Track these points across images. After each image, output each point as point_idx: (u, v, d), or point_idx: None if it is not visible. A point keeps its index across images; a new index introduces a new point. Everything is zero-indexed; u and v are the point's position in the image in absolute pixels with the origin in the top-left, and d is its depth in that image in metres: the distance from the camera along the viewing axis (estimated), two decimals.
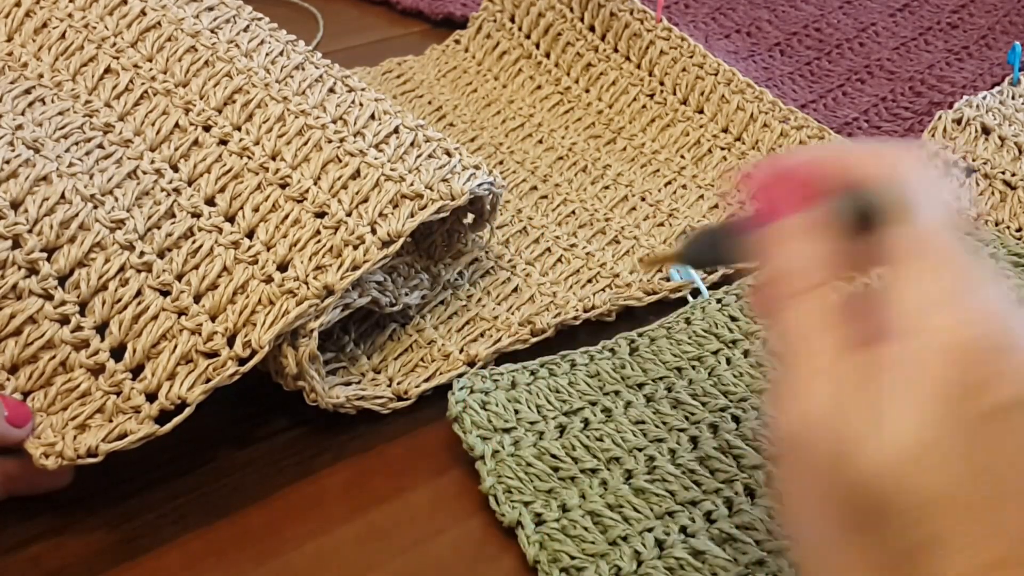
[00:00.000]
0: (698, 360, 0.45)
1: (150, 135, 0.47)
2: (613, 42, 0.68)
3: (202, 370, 0.40)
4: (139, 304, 0.41)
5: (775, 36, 0.76)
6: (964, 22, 0.78)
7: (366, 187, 0.45)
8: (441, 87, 0.70)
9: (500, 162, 0.62)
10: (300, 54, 0.51)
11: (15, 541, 0.39)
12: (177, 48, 0.50)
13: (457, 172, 0.46)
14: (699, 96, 0.64)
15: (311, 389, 0.42)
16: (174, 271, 0.42)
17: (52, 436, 0.38)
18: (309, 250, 0.43)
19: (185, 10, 0.52)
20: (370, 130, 0.47)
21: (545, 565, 0.37)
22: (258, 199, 0.45)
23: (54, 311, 0.41)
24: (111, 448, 0.38)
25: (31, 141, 0.45)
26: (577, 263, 0.53)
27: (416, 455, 0.43)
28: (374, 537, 0.40)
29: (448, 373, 0.46)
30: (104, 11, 0.52)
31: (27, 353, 0.40)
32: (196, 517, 0.40)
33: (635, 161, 0.62)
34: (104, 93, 0.49)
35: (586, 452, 0.41)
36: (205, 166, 0.46)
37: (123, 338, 0.40)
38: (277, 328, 0.40)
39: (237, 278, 0.42)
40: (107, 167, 0.45)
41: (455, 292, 0.51)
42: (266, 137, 0.47)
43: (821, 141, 0.59)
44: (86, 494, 0.40)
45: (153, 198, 0.45)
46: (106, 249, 0.42)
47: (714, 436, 0.42)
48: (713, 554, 0.37)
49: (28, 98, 0.48)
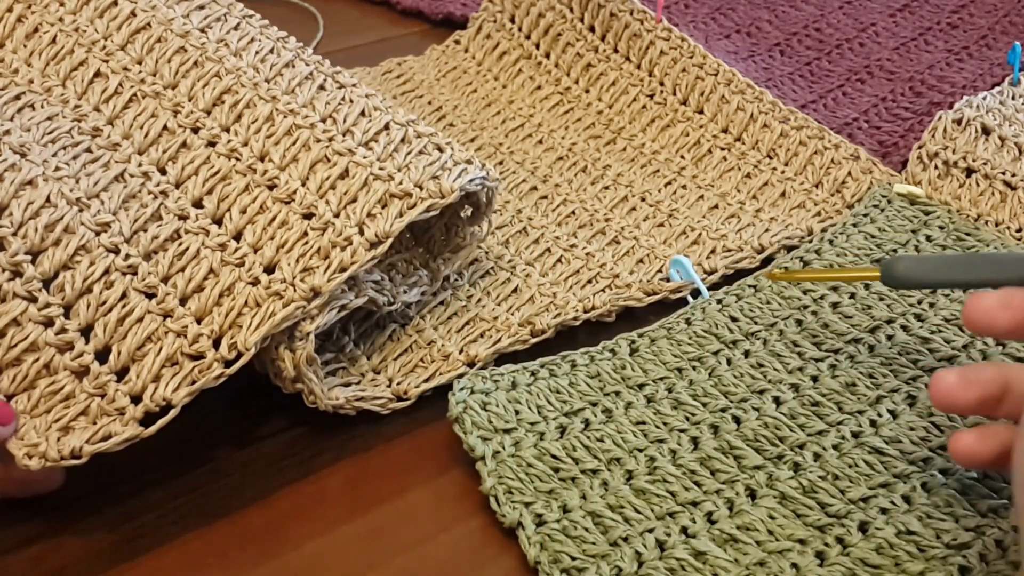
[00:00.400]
0: (698, 360, 0.45)
1: (138, 138, 0.47)
2: (613, 42, 0.68)
3: (187, 372, 0.40)
4: (124, 306, 0.41)
5: (775, 36, 0.76)
6: (964, 22, 0.78)
7: (354, 187, 0.45)
8: (441, 87, 0.70)
9: (500, 162, 0.62)
10: (290, 51, 0.51)
11: (15, 541, 0.39)
12: (166, 49, 0.50)
13: (448, 168, 0.46)
14: (699, 96, 0.64)
15: (310, 392, 0.42)
16: (160, 273, 0.42)
17: (36, 438, 0.38)
18: (296, 252, 0.43)
19: (175, 9, 0.52)
20: (359, 127, 0.47)
21: (546, 566, 0.37)
22: (246, 201, 0.45)
23: (38, 313, 0.40)
24: (95, 450, 0.37)
25: (18, 146, 0.45)
26: (577, 263, 0.53)
27: (416, 455, 0.43)
28: (374, 537, 0.40)
29: (448, 374, 0.46)
30: (94, 14, 0.52)
31: (11, 355, 0.40)
32: (196, 517, 0.40)
33: (635, 161, 0.62)
34: (93, 97, 0.49)
35: (587, 453, 0.41)
36: (193, 168, 0.46)
37: (108, 340, 0.40)
38: (263, 330, 0.40)
39: (223, 280, 0.42)
40: (94, 171, 0.45)
41: (455, 293, 0.51)
42: (254, 138, 0.47)
43: (820, 141, 0.59)
44: (86, 494, 0.40)
45: (140, 201, 0.45)
46: (91, 252, 0.42)
47: (715, 436, 0.42)
48: (714, 555, 0.37)
49: (17, 104, 0.48)
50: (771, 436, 0.41)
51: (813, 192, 0.58)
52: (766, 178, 0.59)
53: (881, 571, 0.36)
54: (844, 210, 0.56)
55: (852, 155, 0.59)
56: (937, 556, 0.36)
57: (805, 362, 0.45)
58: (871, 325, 0.47)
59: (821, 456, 0.40)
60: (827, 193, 0.58)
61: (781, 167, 0.60)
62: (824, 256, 0.51)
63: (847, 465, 0.40)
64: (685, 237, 0.55)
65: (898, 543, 0.37)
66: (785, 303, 0.48)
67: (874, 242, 0.52)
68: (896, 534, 0.37)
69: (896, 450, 0.40)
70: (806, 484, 0.39)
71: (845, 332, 0.46)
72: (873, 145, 0.63)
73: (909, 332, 0.46)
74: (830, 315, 0.47)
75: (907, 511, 0.38)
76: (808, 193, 0.58)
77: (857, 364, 0.44)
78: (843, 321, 0.47)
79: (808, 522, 0.38)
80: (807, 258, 0.51)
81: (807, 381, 0.44)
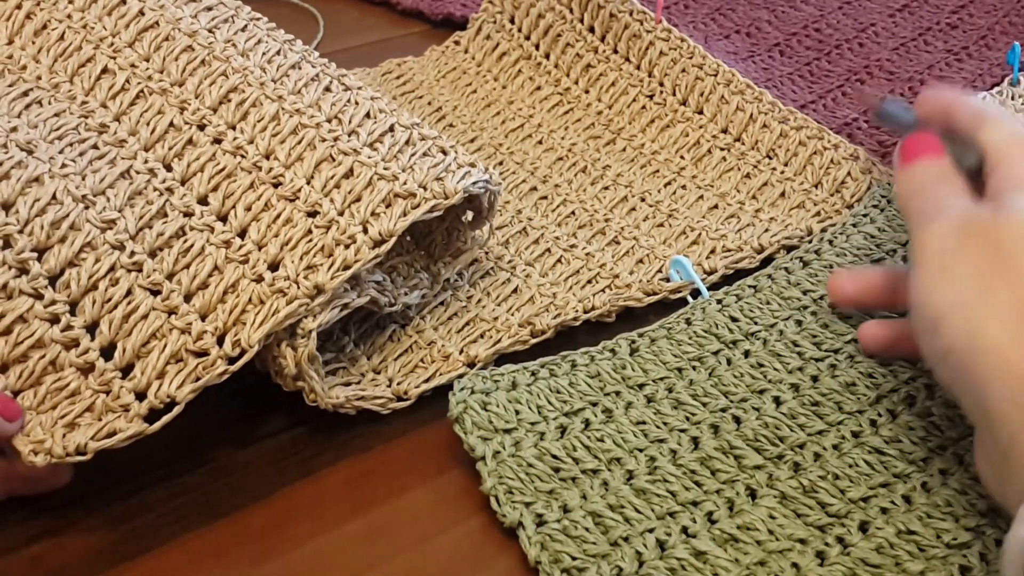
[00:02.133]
0: (698, 360, 0.45)
1: (144, 135, 0.47)
2: (613, 43, 0.68)
3: (192, 369, 0.40)
4: (129, 303, 0.41)
5: (775, 37, 0.76)
6: (964, 22, 0.78)
7: (359, 186, 0.45)
8: (441, 88, 0.70)
9: (500, 163, 0.62)
10: (297, 53, 0.51)
11: (15, 541, 0.39)
12: (174, 47, 0.50)
13: (452, 170, 0.46)
14: (699, 97, 0.64)
15: (310, 390, 0.42)
16: (165, 270, 0.42)
17: (41, 434, 0.38)
18: (300, 249, 0.43)
19: (183, 10, 0.52)
20: (364, 128, 0.47)
21: (546, 566, 0.37)
22: (251, 198, 0.45)
23: (44, 310, 0.41)
24: (100, 446, 0.38)
25: (25, 143, 0.45)
26: (577, 264, 0.53)
27: (416, 455, 0.43)
28: (374, 537, 0.40)
29: (448, 374, 0.46)
30: (103, 11, 0.52)
31: (17, 352, 0.40)
32: (196, 517, 0.40)
33: (635, 162, 0.62)
34: (100, 93, 0.49)
35: (587, 453, 0.41)
36: (199, 165, 0.46)
37: (113, 337, 0.40)
38: (267, 327, 0.40)
39: (228, 277, 0.42)
40: (100, 167, 0.45)
41: (455, 293, 0.51)
42: (260, 136, 0.47)
43: (820, 141, 0.59)
44: (86, 494, 0.40)
45: (145, 198, 0.45)
46: (96, 249, 0.42)
47: (715, 436, 0.42)
48: (714, 555, 0.37)
49: (25, 100, 0.48)
50: (771, 436, 0.41)
51: (813, 192, 0.58)
52: (766, 178, 0.59)
53: (881, 571, 0.36)
54: (844, 210, 0.56)
55: (852, 155, 0.59)
56: (937, 556, 0.36)
57: (805, 362, 0.45)
58: None
59: (821, 456, 0.40)
60: (827, 193, 0.58)
61: (781, 167, 0.60)
62: (824, 256, 0.51)
63: (847, 465, 0.40)
64: (685, 237, 0.55)
65: (898, 543, 0.37)
66: (785, 303, 0.48)
67: (874, 242, 0.52)
68: (896, 534, 0.37)
69: (896, 450, 0.40)
70: (806, 484, 0.39)
71: (845, 332, 0.46)
72: (873, 145, 0.63)
73: None
74: (830, 315, 0.47)
75: (907, 511, 0.38)
76: (808, 193, 0.58)
77: (857, 364, 0.44)
78: (843, 321, 0.47)
79: (808, 522, 0.38)
80: (807, 258, 0.51)
81: (807, 381, 0.44)
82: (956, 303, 0.36)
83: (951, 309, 0.36)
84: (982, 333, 0.35)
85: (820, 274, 0.50)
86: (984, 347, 0.34)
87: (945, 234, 0.38)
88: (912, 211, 0.40)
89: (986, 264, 0.36)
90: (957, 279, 0.36)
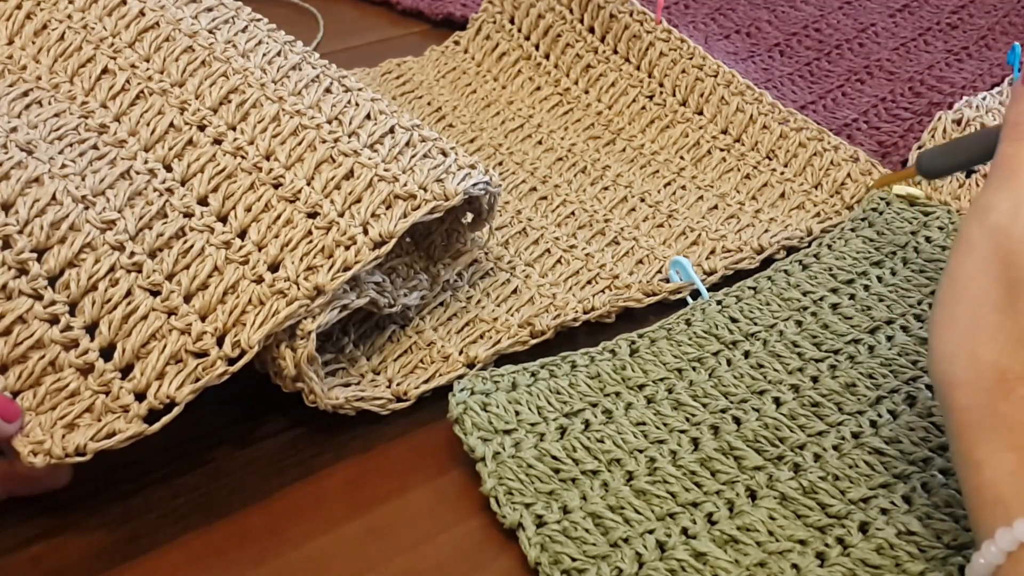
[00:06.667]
0: (698, 361, 0.45)
1: (145, 135, 0.47)
2: (613, 44, 0.68)
3: (191, 370, 0.40)
4: (129, 304, 0.41)
5: (775, 37, 0.76)
6: (964, 22, 0.78)
7: (359, 187, 0.45)
8: (440, 88, 0.70)
9: (499, 163, 0.62)
10: (297, 54, 0.51)
11: (15, 541, 0.39)
12: (174, 48, 0.50)
13: (452, 172, 0.46)
14: (698, 97, 0.64)
15: (310, 391, 0.42)
16: (164, 271, 0.42)
17: (41, 435, 0.38)
18: (300, 250, 0.43)
19: (184, 11, 0.52)
20: (365, 130, 0.47)
21: (546, 567, 0.37)
22: (251, 199, 0.45)
23: (44, 311, 0.41)
24: (99, 447, 0.38)
25: (24, 143, 0.45)
26: (576, 264, 0.53)
27: (416, 456, 0.43)
28: (374, 537, 0.40)
29: (448, 375, 0.46)
30: (103, 12, 0.52)
31: (16, 352, 0.40)
32: (196, 517, 0.40)
33: (634, 162, 0.62)
34: (101, 94, 0.49)
35: (587, 453, 0.41)
36: (199, 166, 0.46)
37: (113, 338, 0.40)
38: (267, 328, 0.40)
39: (228, 278, 0.42)
40: (100, 168, 0.45)
41: (455, 294, 0.51)
42: (260, 137, 0.47)
43: (820, 143, 0.59)
44: (86, 494, 0.41)
45: (145, 198, 0.45)
46: (96, 249, 0.42)
47: (715, 437, 0.42)
48: (714, 556, 0.37)
49: (25, 100, 0.48)
50: (771, 437, 0.41)
51: (812, 193, 0.58)
52: (765, 179, 0.59)
53: (881, 571, 0.36)
54: (843, 211, 0.56)
55: (851, 156, 0.59)
56: (937, 556, 0.36)
57: (805, 363, 0.45)
58: (871, 326, 0.47)
59: (821, 457, 0.40)
60: (826, 194, 0.58)
61: (780, 168, 0.60)
62: (823, 259, 0.51)
63: (847, 466, 0.40)
64: (684, 238, 0.55)
65: (898, 543, 0.37)
66: (784, 304, 0.48)
67: (872, 246, 0.52)
68: (896, 534, 0.37)
69: (896, 451, 0.40)
70: (806, 485, 0.39)
71: (845, 333, 0.46)
72: (873, 146, 0.63)
73: (909, 333, 0.46)
74: (830, 316, 0.47)
75: (907, 511, 0.38)
76: (807, 194, 0.58)
77: (857, 365, 0.44)
78: (843, 322, 0.47)
79: (808, 523, 0.38)
80: (806, 262, 0.51)
81: (807, 382, 0.44)
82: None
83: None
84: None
85: (819, 276, 0.50)
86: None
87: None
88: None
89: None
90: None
